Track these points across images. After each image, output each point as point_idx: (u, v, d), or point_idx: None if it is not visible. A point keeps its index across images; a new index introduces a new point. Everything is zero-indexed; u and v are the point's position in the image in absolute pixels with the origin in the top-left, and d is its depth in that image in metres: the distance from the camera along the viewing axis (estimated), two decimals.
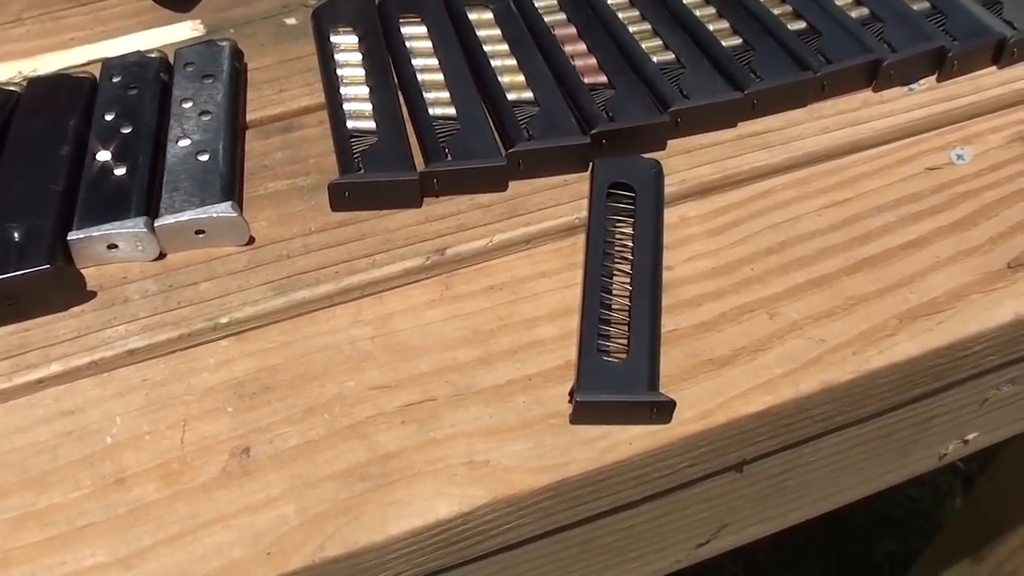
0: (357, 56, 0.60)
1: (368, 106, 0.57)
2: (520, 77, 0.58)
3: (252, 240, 0.53)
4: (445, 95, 0.57)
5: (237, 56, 0.61)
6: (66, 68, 0.62)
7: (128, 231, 0.51)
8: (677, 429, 0.46)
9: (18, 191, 0.52)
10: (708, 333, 0.49)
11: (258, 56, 0.63)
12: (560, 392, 0.47)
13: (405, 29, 0.62)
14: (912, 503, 1.47)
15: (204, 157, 0.53)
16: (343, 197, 0.53)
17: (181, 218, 0.51)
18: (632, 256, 0.51)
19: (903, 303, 0.51)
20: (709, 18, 0.61)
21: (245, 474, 0.45)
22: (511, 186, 0.55)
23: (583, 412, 0.46)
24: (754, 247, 0.53)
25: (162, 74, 0.59)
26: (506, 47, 0.60)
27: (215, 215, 0.51)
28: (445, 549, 0.45)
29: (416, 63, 0.60)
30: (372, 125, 0.56)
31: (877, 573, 1.43)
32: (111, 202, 0.52)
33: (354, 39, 0.61)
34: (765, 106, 0.58)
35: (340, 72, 0.59)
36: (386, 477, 0.44)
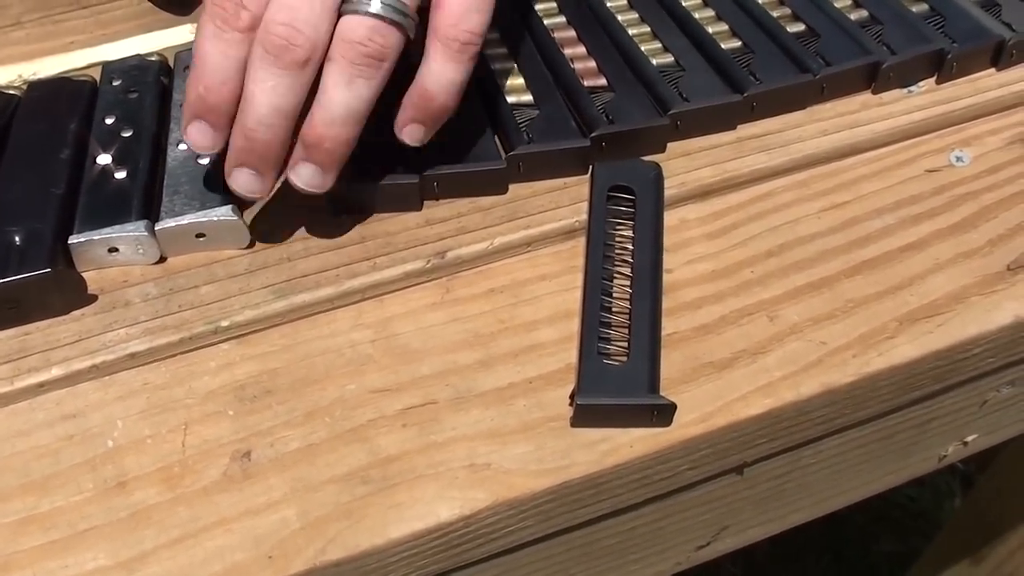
0: None
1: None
2: (520, 80, 0.58)
3: (253, 243, 0.53)
4: None
5: None
6: (66, 71, 0.62)
7: (129, 234, 0.51)
8: (678, 432, 0.46)
9: (19, 194, 0.52)
10: (708, 336, 0.49)
11: None
12: (561, 395, 0.47)
13: None
14: (911, 503, 1.47)
15: (204, 160, 0.54)
16: (343, 200, 0.53)
17: (182, 221, 0.51)
18: (632, 259, 0.51)
19: (903, 305, 0.51)
20: (708, 20, 0.61)
21: (246, 477, 0.45)
22: (511, 189, 0.55)
23: (584, 415, 0.46)
24: (754, 250, 0.53)
25: (162, 77, 0.59)
26: (505, 49, 0.60)
27: (216, 218, 0.51)
28: (446, 552, 0.45)
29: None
30: (371, 129, 0.55)
31: (876, 573, 1.44)
32: (112, 206, 0.52)
33: None
34: (764, 108, 0.58)
35: None
36: (387, 480, 0.44)
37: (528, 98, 0.57)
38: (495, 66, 0.59)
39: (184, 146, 0.55)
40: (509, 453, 0.45)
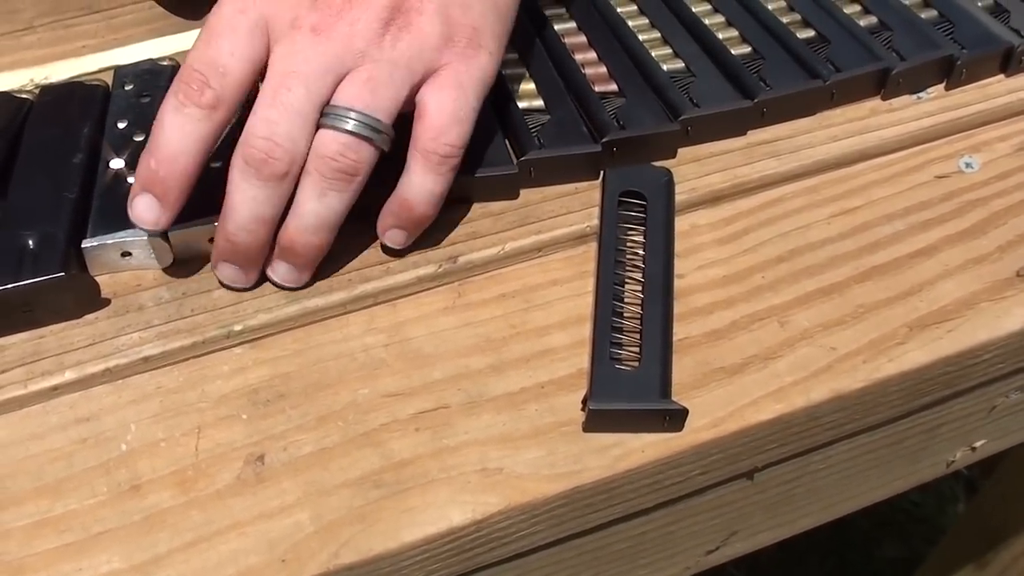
0: None
1: None
2: (531, 85, 0.58)
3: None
4: None
5: None
6: (78, 76, 0.62)
7: (142, 239, 0.51)
8: (689, 437, 0.46)
9: (32, 199, 0.52)
10: (719, 341, 0.50)
11: None
12: (572, 400, 0.47)
13: None
14: (914, 508, 1.47)
15: (217, 164, 0.54)
16: (354, 207, 0.53)
17: (194, 226, 0.51)
18: (644, 264, 0.51)
19: (913, 311, 0.51)
20: (718, 26, 0.62)
21: (260, 481, 0.45)
22: (522, 194, 0.55)
23: (596, 420, 0.46)
24: (764, 255, 0.53)
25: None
26: (516, 55, 0.60)
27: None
28: (459, 556, 0.45)
29: None
30: None
31: None
32: (125, 210, 0.51)
33: None
34: (775, 114, 0.58)
35: None
36: (400, 484, 0.44)
37: (539, 103, 0.57)
38: (506, 71, 0.59)
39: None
40: (521, 458, 0.45)
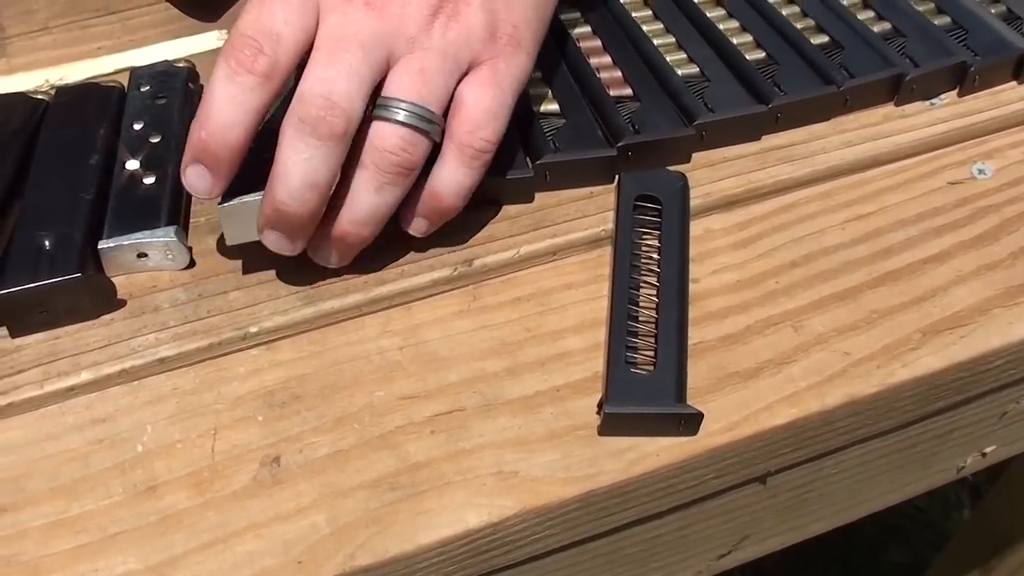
0: None
1: None
2: (545, 89, 0.58)
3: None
4: None
5: None
6: (94, 77, 0.63)
7: (158, 240, 0.51)
8: (704, 441, 0.46)
9: (48, 200, 0.52)
10: (734, 345, 0.50)
11: None
12: (587, 404, 0.47)
13: None
14: (920, 513, 1.47)
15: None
16: None
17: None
18: (659, 268, 0.51)
19: (926, 317, 0.51)
20: (733, 31, 0.62)
21: (276, 483, 0.45)
22: (537, 197, 0.55)
23: (611, 423, 0.46)
24: (778, 260, 0.53)
25: (190, 83, 0.59)
26: None
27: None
28: (474, 559, 0.45)
29: None
30: None
31: None
32: (141, 211, 0.52)
33: None
34: (789, 120, 0.58)
35: None
36: (416, 487, 0.45)
37: (555, 107, 0.57)
38: None
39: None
40: (536, 461, 0.45)
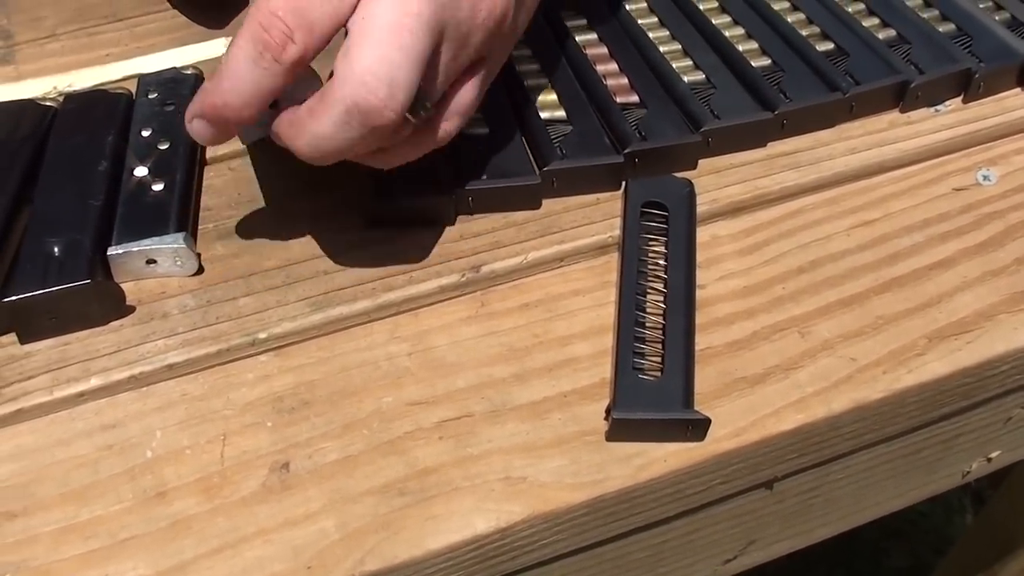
0: None
1: None
2: (552, 96, 0.59)
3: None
4: (478, 114, 0.57)
5: None
6: (101, 84, 0.63)
7: (167, 247, 0.51)
8: (711, 447, 0.46)
9: (57, 206, 0.52)
10: (741, 351, 0.50)
11: None
12: (595, 409, 0.47)
13: None
14: (922, 519, 1.47)
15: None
16: (379, 214, 0.54)
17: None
18: (666, 275, 0.51)
19: (932, 323, 0.51)
20: (738, 39, 0.62)
21: (285, 488, 0.45)
22: (544, 204, 0.55)
23: (619, 429, 0.46)
24: (785, 266, 0.53)
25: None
26: (538, 66, 0.61)
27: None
28: (482, 564, 0.45)
29: None
30: None
31: None
32: (149, 218, 0.52)
33: None
34: (794, 126, 0.58)
35: None
36: (424, 492, 0.45)
37: (561, 114, 0.57)
38: (528, 82, 0.60)
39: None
40: (544, 466, 0.46)
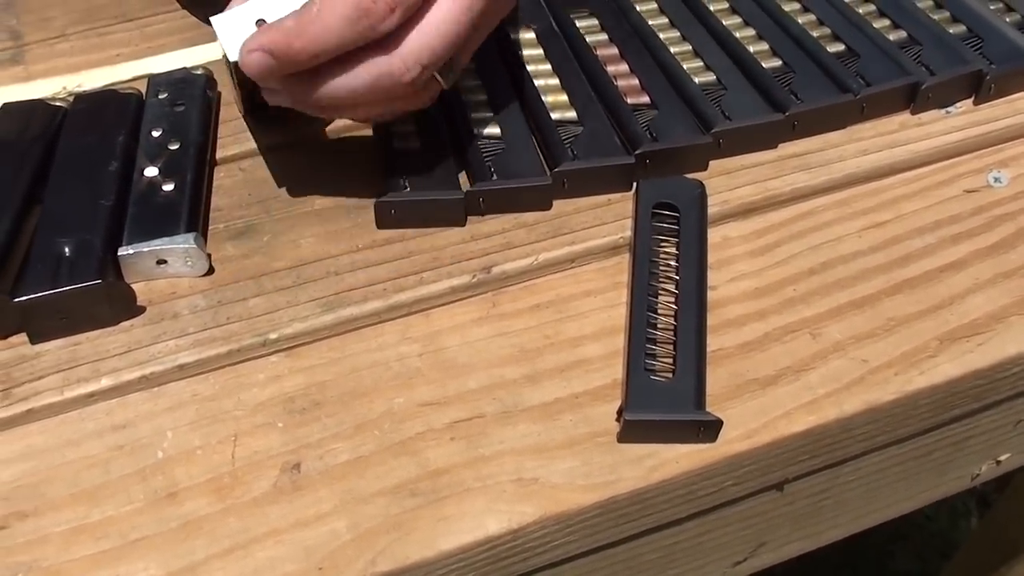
0: None
1: (413, 125, 0.57)
2: (563, 97, 0.59)
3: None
4: (489, 114, 0.58)
5: None
6: (112, 84, 0.63)
7: (178, 247, 0.51)
8: (723, 448, 0.46)
9: (68, 206, 0.52)
10: (752, 353, 0.50)
11: None
12: (606, 411, 0.47)
13: None
14: (927, 522, 1.47)
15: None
16: (389, 215, 0.54)
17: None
18: (677, 276, 0.51)
19: (943, 324, 0.51)
20: (749, 40, 0.62)
21: (296, 489, 0.45)
22: (555, 205, 0.55)
23: (631, 431, 0.46)
24: (796, 268, 0.53)
25: (208, 91, 0.59)
26: (549, 67, 0.61)
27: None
28: (494, 565, 0.45)
29: (460, 83, 0.60)
30: (417, 144, 0.56)
31: None
32: (160, 218, 0.52)
33: None
34: (805, 128, 0.58)
35: None
36: (436, 493, 0.45)
37: (572, 115, 0.57)
38: (539, 82, 0.59)
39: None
40: (556, 468, 0.45)
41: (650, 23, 0.64)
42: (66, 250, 0.50)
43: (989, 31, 0.63)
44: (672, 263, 0.52)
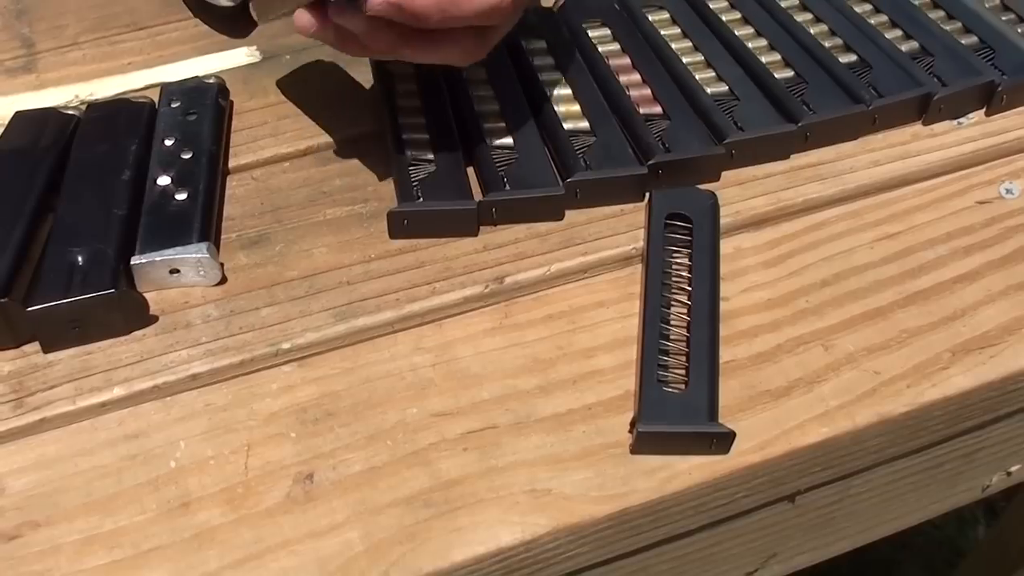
0: (414, 86, 0.61)
1: (426, 135, 0.57)
2: (576, 107, 0.59)
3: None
4: (502, 125, 0.58)
5: None
6: (123, 92, 0.63)
7: (191, 256, 0.51)
8: (736, 460, 0.46)
9: (81, 216, 0.53)
10: (765, 364, 0.50)
11: (316, 83, 0.64)
12: (619, 422, 0.47)
13: None
14: (935, 530, 1.46)
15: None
16: (402, 225, 0.54)
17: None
18: (690, 287, 0.51)
19: (956, 336, 0.51)
20: (761, 50, 0.62)
21: (309, 499, 0.45)
22: (568, 215, 0.55)
23: (644, 442, 0.46)
24: (808, 279, 0.53)
25: (221, 100, 0.60)
26: (561, 76, 0.61)
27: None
28: None
29: (473, 93, 0.60)
30: (430, 154, 0.56)
31: None
32: (173, 227, 0.52)
33: (411, 69, 0.62)
34: (818, 138, 0.58)
35: (398, 101, 0.60)
36: (449, 504, 0.45)
37: (585, 125, 0.57)
38: (552, 92, 0.60)
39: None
40: (569, 479, 0.45)
41: (662, 33, 0.64)
42: (79, 259, 0.50)
43: (1001, 42, 0.63)
44: (685, 274, 0.52)
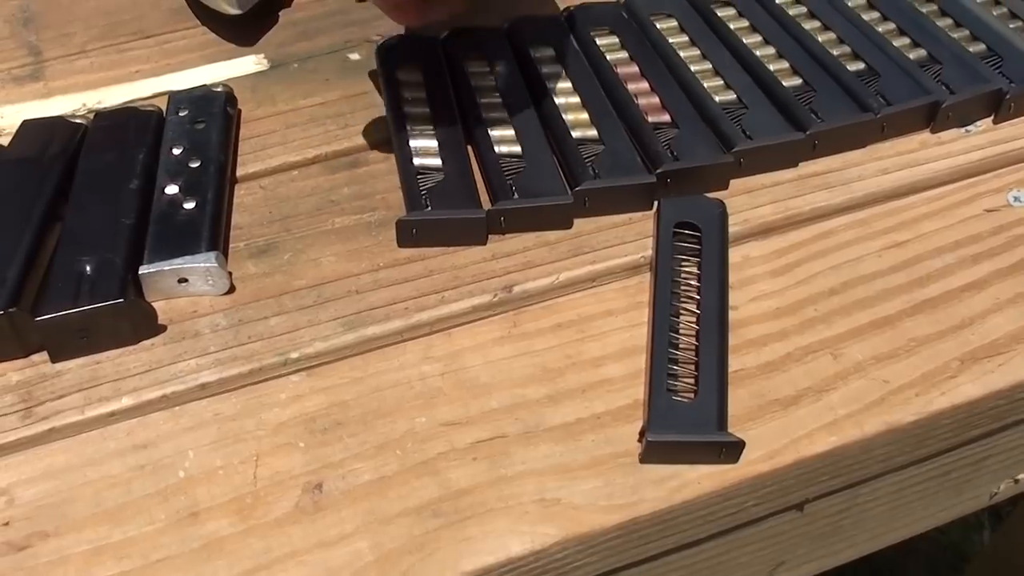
0: (422, 93, 0.61)
1: (434, 143, 0.57)
2: (584, 115, 0.59)
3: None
4: (510, 133, 0.58)
5: None
6: (131, 101, 0.63)
7: (199, 265, 0.51)
8: (745, 469, 0.46)
9: (89, 225, 0.52)
10: (773, 373, 0.50)
11: (323, 91, 0.64)
12: (628, 431, 0.47)
13: (470, 67, 0.63)
14: (940, 535, 1.46)
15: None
16: (410, 234, 0.54)
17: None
18: (699, 295, 0.51)
19: (964, 345, 0.51)
20: (769, 58, 0.62)
21: (318, 509, 0.45)
22: (576, 224, 0.55)
23: (653, 451, 0.46)
24: (817, 288, 0.53)
25: (229, 108, 0.60)
26: (569, 85, 0.61)
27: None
28: None
29: (481, 101, 0.60)
30: (438, 162, 0.56)
31: None
32: (181, 236, 0.52)
33: (419, 76, 0.62)
34: (826, 147, 0.58)
35: (406, 109, 0.60)
36: (459, 513, 0.45)
37: (593, 133, 0.57)
38: (560, 101, 0.60)
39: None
40: (578, 488, 0.45)
41: (671, 41, 0.64)
42: (87, 268, 0.50)
43: (1009, 50, 0.63)
44: (693, 283, 0.52)
